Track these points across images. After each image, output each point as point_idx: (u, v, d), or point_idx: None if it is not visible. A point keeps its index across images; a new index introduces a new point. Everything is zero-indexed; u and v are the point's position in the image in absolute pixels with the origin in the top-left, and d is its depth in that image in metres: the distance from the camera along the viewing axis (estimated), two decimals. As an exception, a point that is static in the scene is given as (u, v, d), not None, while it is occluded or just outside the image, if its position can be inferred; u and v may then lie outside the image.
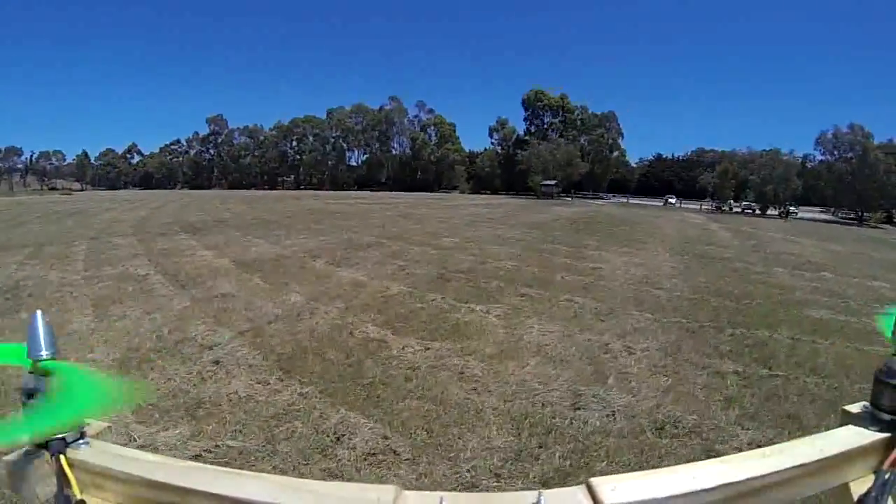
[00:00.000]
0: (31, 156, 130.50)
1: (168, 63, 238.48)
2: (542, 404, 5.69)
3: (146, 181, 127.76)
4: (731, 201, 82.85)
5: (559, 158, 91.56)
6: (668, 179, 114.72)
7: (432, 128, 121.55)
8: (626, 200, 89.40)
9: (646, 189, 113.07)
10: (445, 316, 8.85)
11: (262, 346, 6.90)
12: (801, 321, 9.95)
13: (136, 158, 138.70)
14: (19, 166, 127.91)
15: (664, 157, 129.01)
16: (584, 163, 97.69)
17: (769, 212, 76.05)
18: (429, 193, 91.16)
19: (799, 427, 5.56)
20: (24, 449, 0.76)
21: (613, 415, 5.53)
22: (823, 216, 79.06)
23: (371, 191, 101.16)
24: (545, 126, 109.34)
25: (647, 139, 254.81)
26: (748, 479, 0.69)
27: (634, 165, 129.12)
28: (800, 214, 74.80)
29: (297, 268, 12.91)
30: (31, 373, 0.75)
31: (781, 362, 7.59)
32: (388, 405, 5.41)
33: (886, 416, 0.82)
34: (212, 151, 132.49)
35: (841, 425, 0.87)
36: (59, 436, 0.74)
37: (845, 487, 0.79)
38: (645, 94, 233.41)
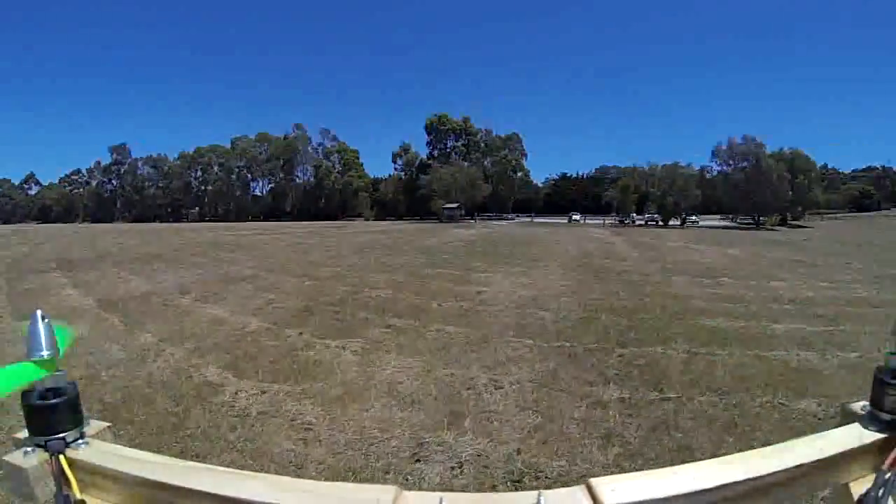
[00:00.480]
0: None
1: (69, 89, 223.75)
2: (377, 457, 4.83)
3: (45, 214, 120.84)
4: (634, 214, 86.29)
5: (461, 181, 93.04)
6: (574, 197, 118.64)
7: (336, 155, 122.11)
8: (530, 220, 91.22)
9: (552, 208, 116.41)
10: (297, 354, 8.10)
11: (90, 395, 6.21)
12: (699, 332, 9.60)
13: (35, 189, 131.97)
14: None
15: (569, 175, 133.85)
16: (488, 185, 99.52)
17: (671, 222, 79.66)
18: (332, 222, 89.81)
19: (691, 460, 4.72)
20: (25, 449, 0.77)
21: (460, 466, 4.69)
22: (723, 223, 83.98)
23: (276, 221, 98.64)
24: (448, 150, 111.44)
25: (553, 159, 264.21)
26: (748, 479, 0.70)
27: (541, 185, 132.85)
28: (701, 223, 79.38)
29: (160, 305, 12.01)
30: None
31: (674, 382, 7.03)
32: (201, 461, 4.35)
33: (886, 416, 0.82)
34: (115, 182, 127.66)
35: (841, 425, 0.88)
36: (59, 436, 0.78)
37: (845, 487, 0.79)
38: (550, 115, 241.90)
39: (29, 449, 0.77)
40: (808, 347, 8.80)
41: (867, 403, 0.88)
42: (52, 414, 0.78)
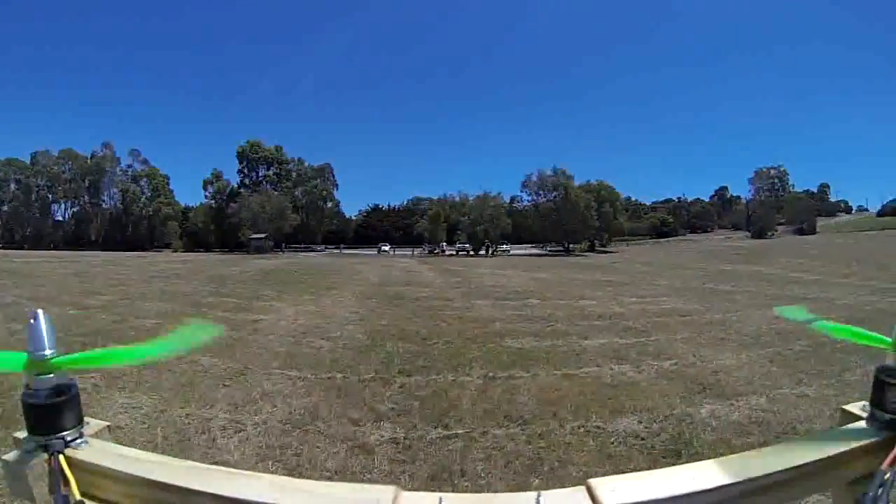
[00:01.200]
0: None
1: None
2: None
3: None
4: (444, 243, 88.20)
5: (269, 210, 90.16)
6: (385, 229, 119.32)
7: (144, 180, 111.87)
8: (338, 251, 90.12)
9: (363, 240, 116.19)
10: (11, 394, 6.49)
11: None
12: (499, 355, 8.78)
13: None
14: None
15: (381, 207, 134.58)
16: (296, 215, 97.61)
17: (482, 251, 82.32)
18: (139, 252, 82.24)
19: None
20: (24, 449, 0.79)
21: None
22: (535, 251, 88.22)
23: (79, 250, 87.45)
24: (260, 178, 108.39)
25: (367, 191, 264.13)
26: (748, 479, 0.71)
27: (354, 218, 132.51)
28: (512, 252, 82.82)
29: None
30: (34, 373, 0.80)
31: (465, 413, 5.98)
32: None
33: (886, 416, 0.84)
34: None
35: (841, 425, 0.89)
36: (59, 435, 0.79)
37: (845, 487, 0.82)
38: (362, 147, 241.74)
39: (29, 449, 0.78)
40: (621, 361, 8.32)
41: (867, 403, 0.88)
42: (51, 414, 0.79)
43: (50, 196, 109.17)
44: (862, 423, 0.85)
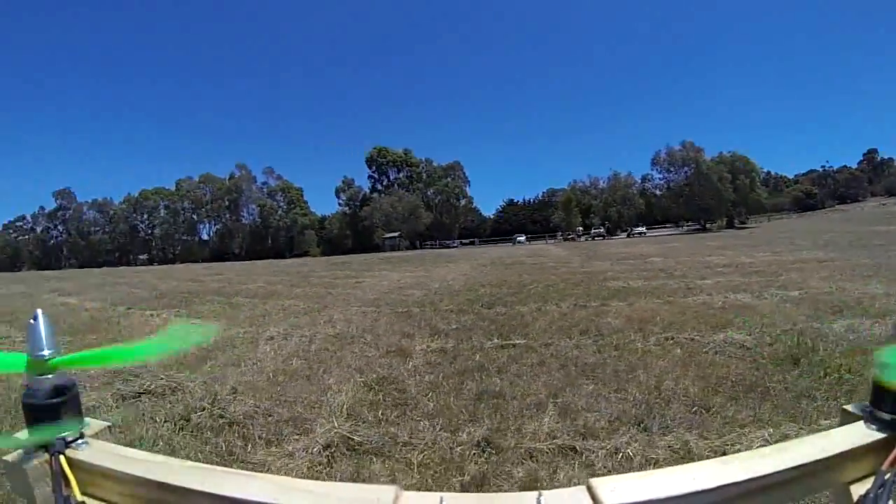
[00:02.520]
0: None
1: (8, 134, 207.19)
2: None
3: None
4: (580, 229, 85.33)
5: (402, 211, 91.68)
6: (521, 222, 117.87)
7: (280, 194, 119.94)
8: (472, 244, 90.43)
9: (499, 234, 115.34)
10: (113, 321, 7.98)
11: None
12: (598, 291, 8.02)
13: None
14: None
15: (516, 201, 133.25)
16: (428, 213, 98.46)
17: (618, 234, 79.46)
18: (277, 260, 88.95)
19: (497, 407, 3.13)
20: (24, 449, 0.76)
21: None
22: (670, 232, 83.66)
23: (223, 262, 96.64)
24: (391, 182, 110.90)
25: (503, 188, 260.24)
26: (748, 480, 0.68)
27: (491, 216, 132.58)
28: (648, 234, 78.95)
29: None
30: (34, 374, 0.76)
31: (534, 330, 5.27)
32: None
33: (886, 416, 0.78)
34: (60, 228, 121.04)
35: (841, 425, 0.84)
36: (60, 436, 0.76)
37: (845, 487, 0.77)
38: (496, 143, 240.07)
39: (29, 449, 0.75)
40: (738, 291, 7.31)
41: (867, 403, 0.81)
42: (51, 414, 0.76)
43: (195, 217, 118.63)
44: (862, 424, 0.77)
